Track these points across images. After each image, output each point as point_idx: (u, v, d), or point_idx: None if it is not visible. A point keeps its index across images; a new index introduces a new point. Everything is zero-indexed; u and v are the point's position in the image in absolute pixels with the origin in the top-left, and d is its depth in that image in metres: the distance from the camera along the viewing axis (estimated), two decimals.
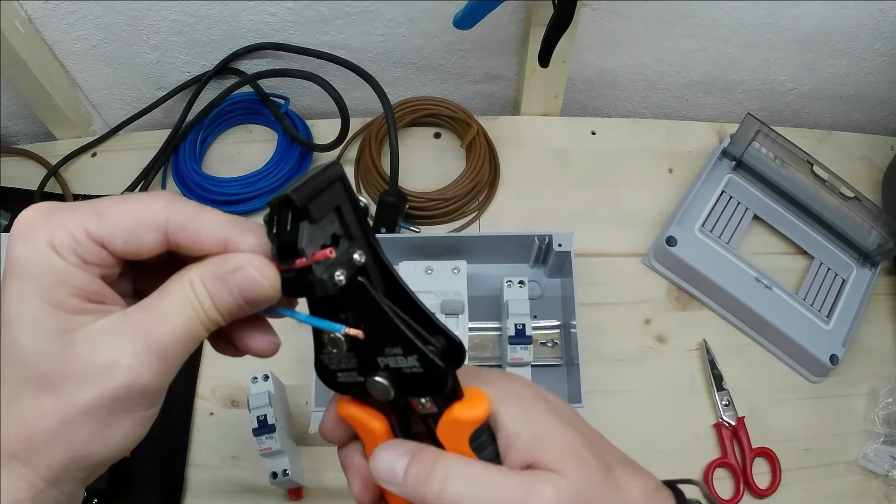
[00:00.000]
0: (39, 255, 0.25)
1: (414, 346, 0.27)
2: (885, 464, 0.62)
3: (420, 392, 0.28)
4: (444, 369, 0.27)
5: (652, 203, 0.75)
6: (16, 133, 0.84)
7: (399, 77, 0.80)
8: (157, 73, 0.78)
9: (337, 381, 0.29)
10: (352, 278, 0.27)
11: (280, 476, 0.57)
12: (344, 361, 0.28)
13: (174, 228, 0.26)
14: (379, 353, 0.28)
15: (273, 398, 0.58)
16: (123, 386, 0.25)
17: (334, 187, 0.27)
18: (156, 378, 0.25)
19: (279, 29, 0.73)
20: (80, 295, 0.25)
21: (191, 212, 0.27)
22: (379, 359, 0.28)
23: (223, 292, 0.26)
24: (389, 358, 0.27)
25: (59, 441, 0.25)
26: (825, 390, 0.68)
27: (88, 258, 0.25)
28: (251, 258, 0.27)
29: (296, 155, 0.75)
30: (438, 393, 0.28)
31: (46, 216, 0.25)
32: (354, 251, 0.27)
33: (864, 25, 0.73)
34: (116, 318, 0.26)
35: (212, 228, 0.27)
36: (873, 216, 0.69)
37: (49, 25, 0.70)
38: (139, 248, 0.26)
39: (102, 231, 0.25)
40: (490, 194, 0.76)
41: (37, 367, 0.24)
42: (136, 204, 0.26)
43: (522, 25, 0.73)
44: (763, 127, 0.70)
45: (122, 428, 0.26)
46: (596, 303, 0.69)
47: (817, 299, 0.69)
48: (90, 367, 0.24)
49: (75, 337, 0.25)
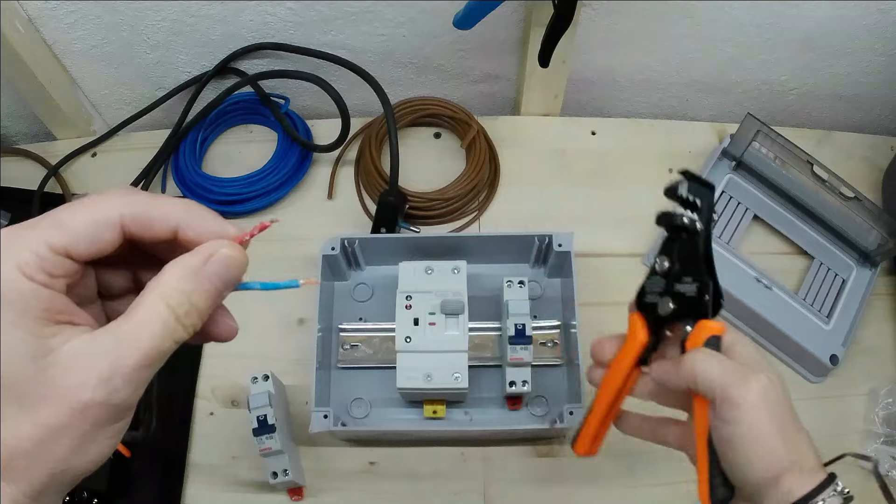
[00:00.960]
0: (8, 280, 0.25)
1: (701, 278, 0.42)
2: (886, 464, 0.62)
3: (686, 313, 0.42)
4: (706, 300, 0.42)
5: (652, 203, 0.74)
6: (16, 133, 0.84)
7: (399, 77, 0.80)
8: (157, 73, 0.78)
9: (643, 300, 0.44)
10: (691, 222, 0.42)
11: (280, 476, 0.57)
12: (656, 285, 0.43)
13: (128, 221, 0.27)
14: (678, 280, 0.42)
15: (273, 398, 0.58)
16: (95, 405, 0.25)
17: (708, 188, 0.43)
18: (124, 397, 0.26)
19: (279, 29, 0.73)
20: (48, 317, 0.26)
21: (143, 202, 0.28)
22: (675, 284, 0.42)
23: (204, 284, 0.27)
24: (682, 285, 0.42)
25: (40, 459, 0.26)
26: (825, 390, 0.68)
27: (55, 272, 0.26)
28: (218, 244, 0.28)
29: (296, 155, 0.75)
30: (701, 314, 0.42)
31: (11, 238, 0.26)
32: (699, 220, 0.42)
33: (864, 25, 0.73)
34: (85, 340, 0.26)
35: (162, 215, 0.28)
36: (873, 216, 0.69)
37: (49, 25, 0.70)
38: (101, 248, 0.27)
39: (65, 241, 0.26)
40: (490, 194, 0.76)
41: (15, 392, 0.25)
42: (91, 205, 0.27)
43: (522, 25, 0.73)
44: (763, 127, 0.70)
45: (97, 444, 0.26)
46: (596, 303, 0.69)
47: (817, 299, 0.69)
48: (61, 391, 0.25)
49: (46, 361, 0.25)
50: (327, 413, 0.58)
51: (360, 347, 0.66)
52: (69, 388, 0.25)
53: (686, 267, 0.42)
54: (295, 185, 0.75)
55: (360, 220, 0.75)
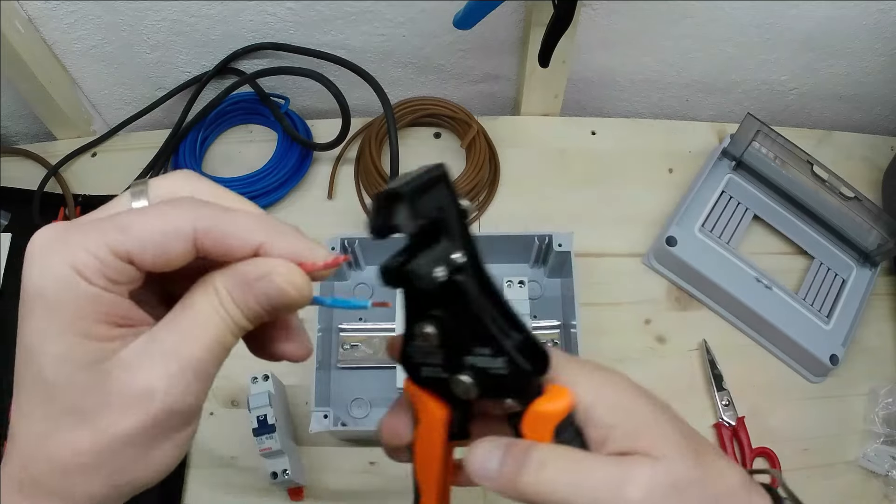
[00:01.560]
0: (62, 281, 0.23)
1: (503, 349, 0.28)
2: (885, 464, 0.62)
3: (502, 393, 0.29)
4: (530, 372, 0.28)
5: (652, 203, 0.75)
6: (16, 133, 0.84)
7: (399, 77, 0.80)
8: (157, 73, 0.78)
9: (420, 375, 0.30)
10: (450, 276, 0.27)
11: (280, 476, 0.57)
12: (431, 356, 0.29)
13: (201, 236, 0.25)
14: (467, 353, 0.28)
15: (273, 398, 0.58)
16: (163, 410, 0.24)
17: (438, 187, 0.27)
18: (194, 397, 0.25)
19: (279, 29, 0.73)
20: (108, 321, 0.24)
21: (217, 216, 0.25)
22: (466, 357, 0.29)
23: (249, 299, 0.25)
24: (477, 358, 0.28)
25: (101, 472, 0.24)
26: (825, 390, 0.68)
27: (117, 278, 0.24)
28: (277, 265, 0.25)
29: (296, 155, 0.75)
30: (520, 395, 0.28)
31: (64, 237, 0.24)
32: (455, 251, 0.28)
33: (864, 25, 0.73)
34: (145, 340, 0.24)
35: (241, 232, 0.25)
36: (873, 216, 0.69)
37: (49, 25, 0.70)
38: (168, 261, 0.25)
39: (129, 247, 0.24)
40: (490, 194, 0.76)
41: (70, 402, 0.23)
42: (161, 215, 0.25)
43: (522, 25, 0.73)
44: (763, 127, 0.70)
45: (163, 451, 0.25)
46: (596, 303, 0.69)
47: (817, 299, 0.69)
48: (127, 396, 0.23)
49: (107, 366, 0.24)
50: (327, 413, 0.58)
51: (360, 347, 0.66)
52: (135, 391, 0.23)
53: (471, 334, 0.28)
54: (295, 184, 0.75)
55: (360, 219, 0.75)
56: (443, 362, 0.29)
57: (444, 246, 0.28)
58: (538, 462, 0.27)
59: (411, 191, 0.26)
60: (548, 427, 0.28)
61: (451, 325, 0.28)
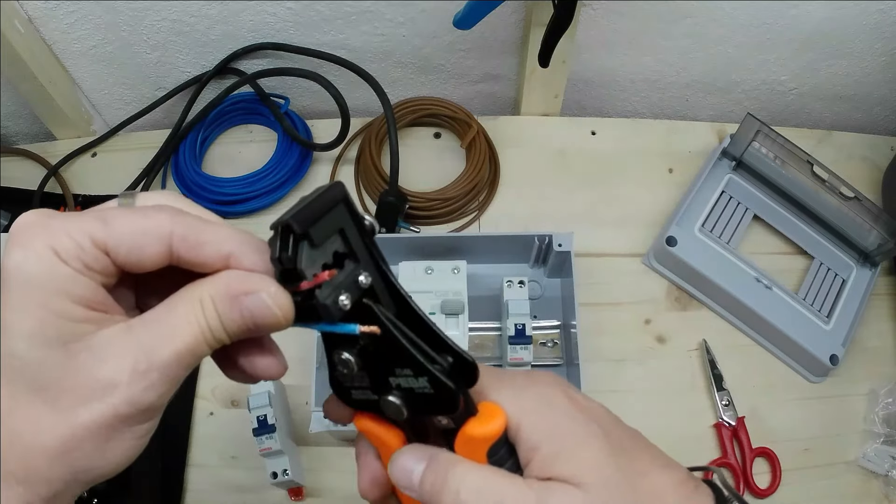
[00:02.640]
0: (41, 261, 0.24)
1: (423, 368, 0.27)
2: (885, 464, 0.62)
3: (432, 411, 0.28)
4: (454, 390, 0.27)
5: (652, 203, 0.75)
6: (16, 133, 0.84)
7: (399, 77, 0.80)
8: (157, 73, 0.78)
9: (352, 398, 0.29)
10: (357, 301, 0.26)
11: (280, 476, 0.57)
12: (357, 380, 0.28)
13: (177, 241, 0.25)
14: (390, 374, 0.27)
15: (273, 398, 0.58)
16: (124, 404, 0.24)
17: (337, 209, 0.26)
18: (157, 396, 0.25)
19: (279, 29, 0.73)
20: (82, 303, 0.24)
21: (195, 224, 0.26)
22: (391, 379, 0.28)
23: (234, 313, 0.26)
24: (401, 378, 0.27)
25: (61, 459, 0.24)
26: (825, 390, 0.68)
27: (93, 265, 0.25)
28: (267, 283, 0.26)
29: (296, 155, 0.75)
30: (450, 413, 0.27)
31: (46, 221, 0.24)
32: (360, 273, 0.27)
33: (864, 25, 0.73)
34: (119, 329, 0.25)
35: (215, 242, 0.26)
36: (873, 216, 0.69)
37: (49, 25, 0.70)
38: (142, 259, 0.25)
39: (107, 238, 0.25)
40: (490, 194, 0.76)
41: (35, 378, 0.24)
42: (141, 214, 0.26)
43: (522, 25, 0.73)
44: (763, 127, 0.70)
45: (122, 443, 0.25)
46: (596, 303, 0.69)
47: (817, 299, 0.69)
48: (91, 383, 0.24)
49: (76, 347, 0.24)
50: None
51: None
52: (99, 380, 0.24)
53: (389, 355, 0.27)
54: (295, 185, 0.75)
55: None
56: (371, 385, 0.28)
57: (350, 269, 0.27)
58: (458, 481, 0.27)
59: (302, 221, 0.25)
60: (480, 448, 0.28)
61: (370, 347, 0.27)
